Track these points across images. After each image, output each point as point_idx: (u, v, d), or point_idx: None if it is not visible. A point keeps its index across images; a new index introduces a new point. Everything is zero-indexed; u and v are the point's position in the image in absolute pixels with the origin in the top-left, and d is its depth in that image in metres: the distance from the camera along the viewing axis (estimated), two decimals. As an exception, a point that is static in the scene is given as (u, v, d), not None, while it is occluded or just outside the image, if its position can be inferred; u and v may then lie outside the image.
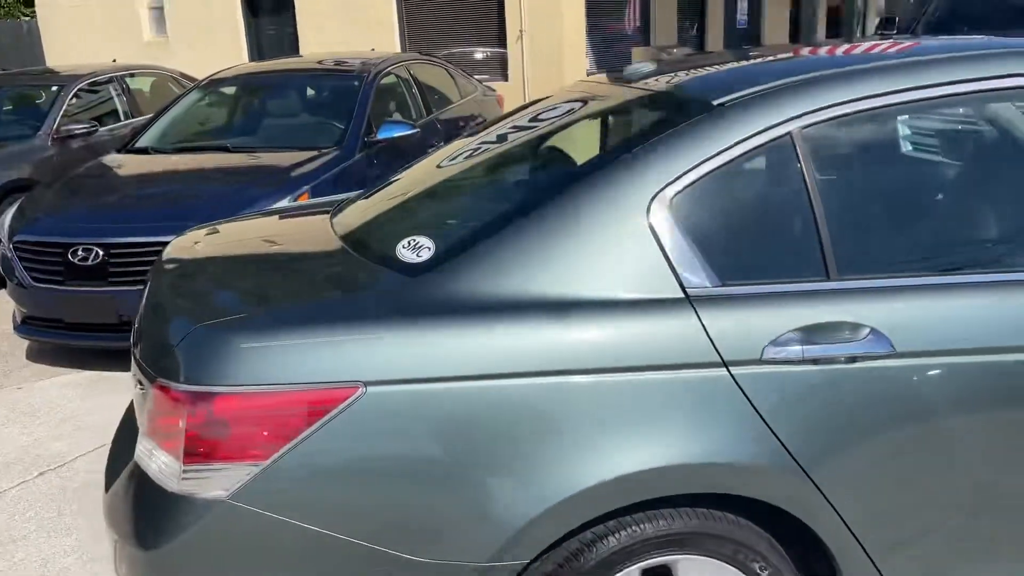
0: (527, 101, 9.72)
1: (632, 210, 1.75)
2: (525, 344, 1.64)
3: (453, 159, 2.57)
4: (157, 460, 1.72)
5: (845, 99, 1.84)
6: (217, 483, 1.63)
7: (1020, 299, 1.77)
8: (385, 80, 6.12)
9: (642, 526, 1.70)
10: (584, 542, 1.69)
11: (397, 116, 6.15)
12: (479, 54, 9.64)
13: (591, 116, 2.36)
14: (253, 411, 1.61)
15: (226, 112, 6.17)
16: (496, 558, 1.63)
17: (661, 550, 1.73)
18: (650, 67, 2.43)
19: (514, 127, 2.56)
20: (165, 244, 4.13)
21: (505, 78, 9.47)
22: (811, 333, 1.71)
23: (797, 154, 1.81)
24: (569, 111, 2.39)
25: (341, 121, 5.60)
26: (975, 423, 1.77)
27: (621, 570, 1.72)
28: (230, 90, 6.28)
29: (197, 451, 1.63)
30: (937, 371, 1.74)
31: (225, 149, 5.46)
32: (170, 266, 2.25)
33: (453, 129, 6.81)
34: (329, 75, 6.19)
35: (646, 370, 1.66)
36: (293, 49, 11.49)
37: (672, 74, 2.26)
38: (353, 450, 1.60)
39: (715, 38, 13.16)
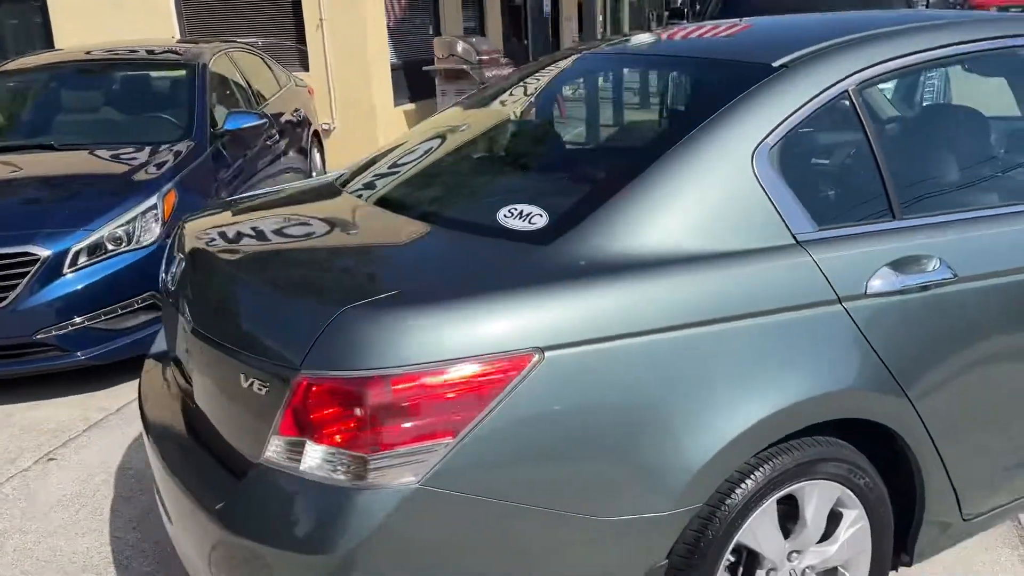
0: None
1: (739, 164, 1.85)
2: (682, 296, 1.69)
3: (487, 122, 2.55)
4: (312, 457, 1.57)
5: (892, 55, 2.07)
6: (406, 470, 1.53)
7: None
8: (213, 68, 5.72)
9: (781, 458, 1.82)
10: (737, 479, 1.78)
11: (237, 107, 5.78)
12: (274, 44, 9.19)
13: (644, 74, 2.47)
14: (435, 389, 1.52)
15: (30, 107, 5.45)
16: (675, 506, 1.68)
17: (793, 480, 1.86)
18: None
19: (542, 88, 2.59)
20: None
21: (306, 68, 9.11)
22: (897, 266, 1.92)
23: (855, 107, 2.01)
24: (606, 74, 2.46)
25: (178, 112, 5.17)
26: None
27: (763, 503, 1.83)
28: (30, 82, 5.54)
29: (380, 440, 1.51)
30: (995, 291, 2.02)
31: (50, 147, 4.84)
32: (228, 255, 2.03)
33: (279, 120, 6.51)
34: (154, 63, 5.67)
35: (779, 312, 1.77)
36: (47, 42, 10.29)
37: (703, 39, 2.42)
38: (538, 417, 1.57)
39: (494, 28, 13.50)
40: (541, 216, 1.86)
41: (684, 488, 1.67)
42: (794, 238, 1.85)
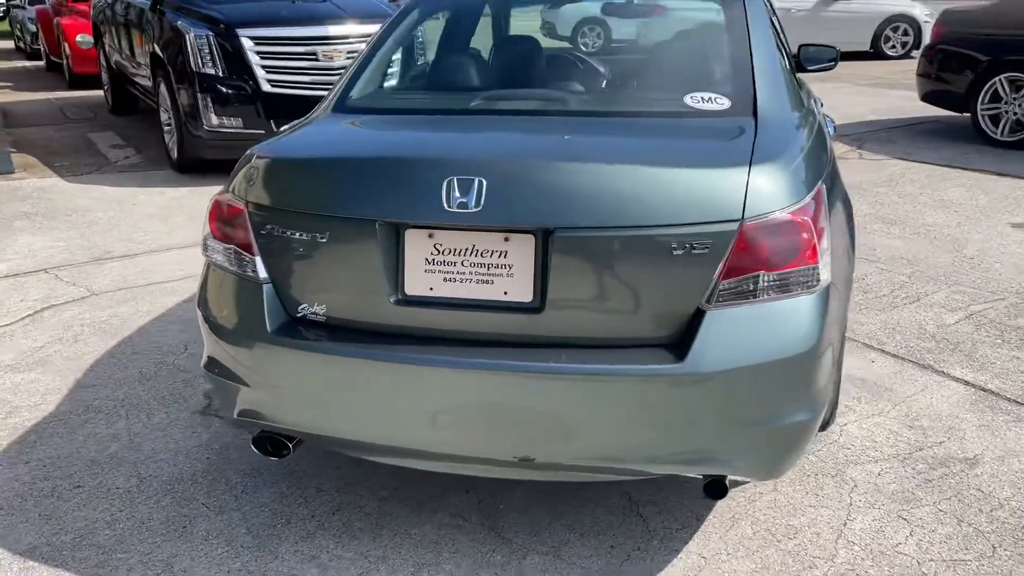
0: None
1: None
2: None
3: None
4: (768, 282, 2.01)
5: None
6: (825, 272, 2.10)
7: None
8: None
9: None
10: None
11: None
12: None
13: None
14: (817, 216, 2.13)
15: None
16: None
17: None
18: None
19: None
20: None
21: None
22: None
23: None
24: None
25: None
26: None
27: None
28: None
29: (813, 255, 2.05)
30: None
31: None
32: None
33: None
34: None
35: None
36: None
37: None
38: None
39: None
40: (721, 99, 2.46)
41: None
42: None
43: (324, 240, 2.16)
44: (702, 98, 2.48)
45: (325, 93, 3.11)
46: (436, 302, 2.13)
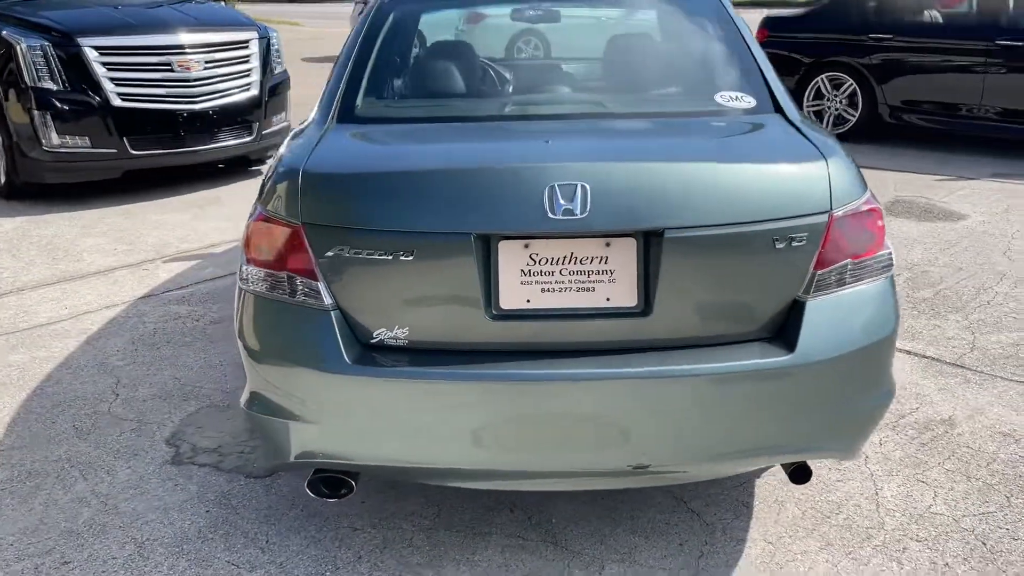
0: None
1: None
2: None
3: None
4: (859, 269, 2.12)
5: None
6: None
7: None
8: None
9: None
10: None
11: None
12: None
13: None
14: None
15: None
16: None
17: None
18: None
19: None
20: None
21: None
22: None
23: None
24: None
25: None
26: None
27: None
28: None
29: (884, 241, 2.21)
30: None
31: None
32: None
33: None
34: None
35: None
36: None
37: None
38: None
39: None
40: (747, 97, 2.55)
41: None
42: None
43: (410, 258, 2.01)
44: (731, 97, 2.54)
45: (187, 107, 2.93)
46: (535, 314, 2.04)
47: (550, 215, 1.98)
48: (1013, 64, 7.04)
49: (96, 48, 6.02)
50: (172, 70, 6.22)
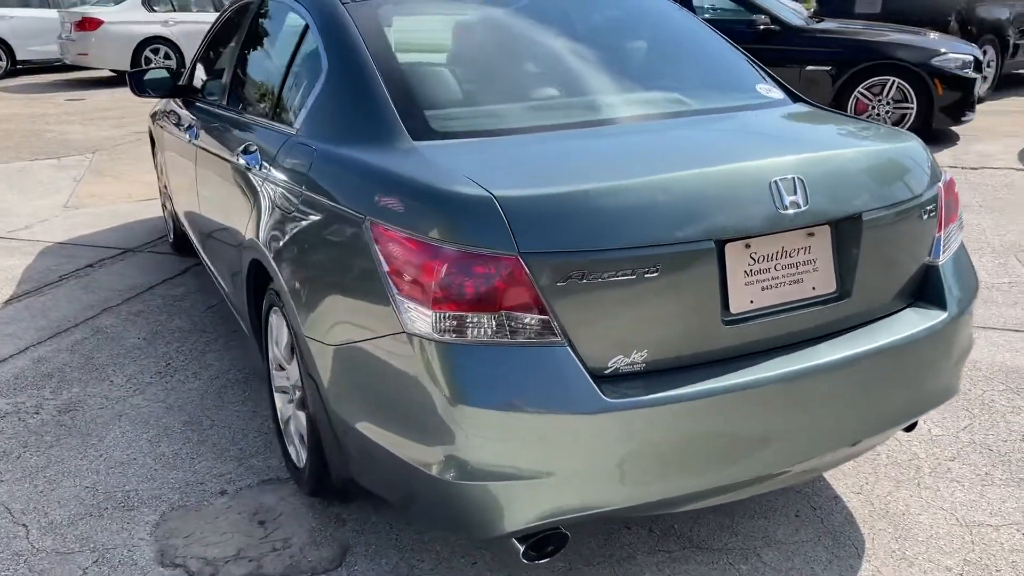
0: None
1: None
2: None
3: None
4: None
5: None
6: None
7: None
8: None
9: None
10: None
11: None
12: None
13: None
14: None
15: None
16: None
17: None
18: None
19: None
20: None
21: None
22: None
23: None
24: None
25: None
26: None
27: None
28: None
29: None
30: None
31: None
32: None
33: None
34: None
35: None
36: None
37: None
38: None
39: None
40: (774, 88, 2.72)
41: None
42: None
43: (654, 275, 1.83)
44: (767, 88, 2.68)
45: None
46: (758, 314, 2.00)
47: (780, 210, 1.96)
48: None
49: None
50: None
